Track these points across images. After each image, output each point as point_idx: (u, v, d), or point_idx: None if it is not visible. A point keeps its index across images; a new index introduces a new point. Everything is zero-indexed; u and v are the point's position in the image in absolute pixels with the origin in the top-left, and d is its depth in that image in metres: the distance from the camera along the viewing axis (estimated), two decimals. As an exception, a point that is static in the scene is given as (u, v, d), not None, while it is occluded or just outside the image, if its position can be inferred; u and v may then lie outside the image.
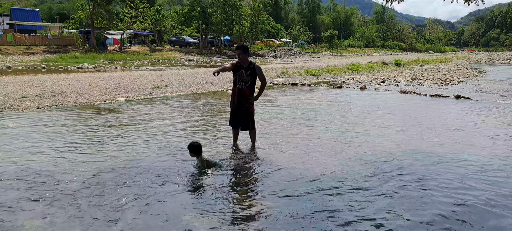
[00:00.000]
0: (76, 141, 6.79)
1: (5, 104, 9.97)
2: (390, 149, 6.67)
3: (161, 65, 31.11)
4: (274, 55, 54.87)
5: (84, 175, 5.07)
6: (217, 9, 52.89)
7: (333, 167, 5.61)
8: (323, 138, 7.37)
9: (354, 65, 27.17)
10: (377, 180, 5.12)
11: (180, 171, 5.30)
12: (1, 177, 4.95)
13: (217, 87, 15.35)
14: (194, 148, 5.33)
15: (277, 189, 4.77)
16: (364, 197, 4.55)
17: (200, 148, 5.38)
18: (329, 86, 16.69)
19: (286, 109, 10.60)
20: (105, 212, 4.04)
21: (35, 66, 26.58)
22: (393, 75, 22.21)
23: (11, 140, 6.74)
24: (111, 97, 11.92)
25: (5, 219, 3.83)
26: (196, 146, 5.35)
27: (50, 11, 76.08)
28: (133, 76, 17.56)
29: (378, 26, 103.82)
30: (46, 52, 36.94)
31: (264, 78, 6.35)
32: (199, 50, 51.74)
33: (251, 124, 6.45)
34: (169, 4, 69.60)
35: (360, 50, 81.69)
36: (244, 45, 6.36)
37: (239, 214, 4.09)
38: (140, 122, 8.49)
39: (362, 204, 4.34)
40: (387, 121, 9.17)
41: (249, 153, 6.33)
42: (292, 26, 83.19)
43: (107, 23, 43.25)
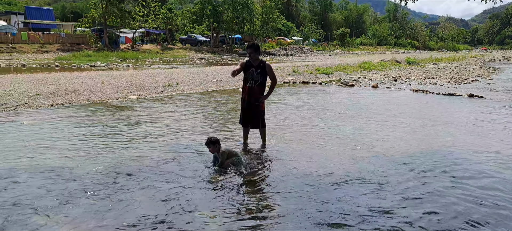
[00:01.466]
0: (89, 138, 6.88)
1: (20, 101, 10.13)
2: (402, 147, 6.63)
3: (172, 64, 31.29)
4: (285, 53, 54.76)
5: (96, 171, 5.15)
6: (228, 8, 52.98)
7: (344, 166, 5.60)
8: (334, 136, 7.35)
9: (366, 64, 27.00)
10: (389, 178, 5.10)
11: (191, 168, 5.34)
12: (16, 172, 5.05)
13: (228, 85, 15.39)
14: (213, 142, 5.38)
15: (288, 187, 4.78)
16: (376, 195, 4.54)
17: (218, 142, 5.43)
18: (341, 85, 16.62)
19: (297, 107, 10.59)
20: (116, 208, 4.09)
21: (49, 64, 26.93)
22: (406, 74, 22.03)
23: (26, 137, 6.85)
24: (123, 95, 12.03)
25: (19, 213, 3.90)
26: (215, 140, 5.40)
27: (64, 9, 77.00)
28: (145, 74, 17.70)
29: (390, 24, 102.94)
30: (60, 51, 37.36)
31: (274, 76, 6.36)
32: (210, 48, 51.91)
33: (261, 122, 6.47)
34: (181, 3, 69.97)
35: (372, 49, 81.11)
36: (255, 44, 6.37)
37: (250, 212, 4.11)
38: (152, 120, 8.56)
39: (374, 202, 4.33)
40: (399, 119, 9.11)
41: (260, 151, 6.34)
42: (303, 24, 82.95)
43: (120, 21, 43.63)
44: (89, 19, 44.41)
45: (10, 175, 4.96)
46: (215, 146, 5.40)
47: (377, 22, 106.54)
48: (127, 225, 3.75)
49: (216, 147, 5.41)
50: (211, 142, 5.39)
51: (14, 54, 33.89)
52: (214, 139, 5.42)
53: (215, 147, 5.41)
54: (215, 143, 5.39)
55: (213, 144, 5.39)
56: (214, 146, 5.40)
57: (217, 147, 5.42)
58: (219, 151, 5.42)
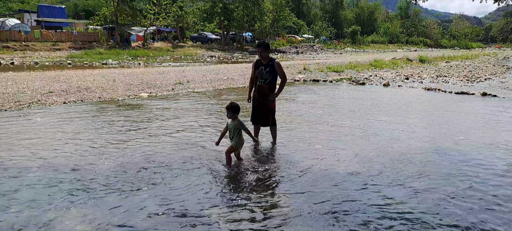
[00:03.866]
0: (101, 135, 6.94)
1: (33, 99, 10.26)
2: (413, 146, 6.57)
3: (183, 62, 31.41)
4: (296, 51, 54.58)
5: (108, 168, 5.20)
6: (239, 5, 53.01)
7: (354, 164, 5.57)
8: (345, 135, 7.32)
9: (377, 62, 26.79)
10: (399, 177, 5.06)
11: (201, 166, 5.36)
12: (30, 169, 5.12)
13: (238, 83, 15.40)
14: (236, 108, 5.43)
15: (298, 185, 4.77)
16: (387, 194, 4.50)
17: (239, 109, 5.49)
18: (352, 83, 16.53)
19: (307, 105, 10.56)
20: (128, 204, 4.13)
21: (61, 62, 27.23)
22: (417, 72, 21.82)
23: (39, 133, 6.94)
24: (135, 93, 12.11)
25: (34, 209, 3.95)
26: (237, 106, 5.46)
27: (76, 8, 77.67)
28: (155, 72, 17.79)
29: (402, 22, 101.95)
30: (72, 49, 37.76)
31: (284, 75, 6.35)
32: (220, 46, 51.99)
33: (271, 120, 6.46)
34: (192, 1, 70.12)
35: (384, 46, 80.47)
36: (265, 42, 6.37)
37: (259, 209, 4.11)
38: (163, 117, 8.61)
39: (385, 201, 4.30)
40: (411, 118, 9.03)
41: (270, 150, 6.34)
42: (314, 22, 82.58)
43: (131, 19, 43.92)
44: (100, 17, 44.81)
45: (24, 172, 5.03)
46: (234, 113, 5.43)
47: (389, 20, 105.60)
48: (138, 220, 3.77)
49: (234, 115, 5.44)
50: (233, 108, 5.42)
51: (27, 52, 34.34)
52: (235, 106, 5.45)
53: (235, 115, 5.44)
54: (236, 111, 5.43)
55: (233, 111, 5.42)
56: (233, 113, 5.43)
57: (236, 116, 5.46)
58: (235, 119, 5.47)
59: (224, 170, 5.27)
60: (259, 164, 5.61)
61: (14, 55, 31.38)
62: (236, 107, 5.43)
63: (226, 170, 5.25)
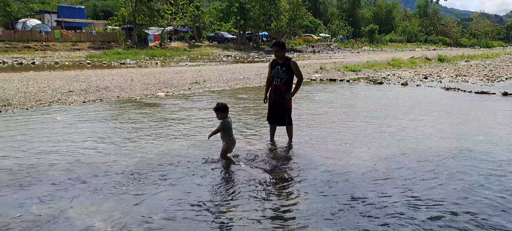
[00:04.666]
0: (119, 133, 7.05)
1: (54, 98, 10.46)
2: (431, 146, 6.48)
3: (199, 61, 31.60)
4: (312, 50, 54.38)
5: (126, 165, 5.27)
6: (255, 5, 53.09)
7: (372, 164, 5.53)
8: (362, 135, 7.26)
9: (395, 61, 26.48)
10: (418, 178, 5.00)
11: (218, 165, 5.39)
12: (50, 166, 5.23)
13: (254, 83, 15.42)
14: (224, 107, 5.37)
15: (314, 185, 4.76)
16: (404, 194, 4.46)
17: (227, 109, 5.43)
18: (369, 82, 16.38)
19: (324, 105, 10.51)
20: (146, 201, 4.18)
21: (80, 62, 27.70)
22: (436, 71, 21.49)
23: (59, 132, 7.08)
24: (152, 92, 12.25)
25: (53, 206, 4.04)
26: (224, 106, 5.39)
27: (95, 8, 78.84)
28: (172, 71, 17.95)
29: (421, 20, 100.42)
30: (91, 48, 38.37)
31: (300, 74, 6.33)
32: (237, 45, 52.12)
33: (287, 120, 6.46)
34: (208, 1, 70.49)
35: (402, 46, 79.44)
36: (280, 42, 6.36)
37: (275, 209, 4.12)
38: (180, 116, 8.68)
39: (402, 203, 4.25)
40: (429, 117, 8.91)
41: (286, 149, 6.34)
42: (331, 21, 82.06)
43: (149, 20, 44.37)
44: (119, 17, 45.42)
45: (44, 169, 5.14)
46: (223, 113, 5.39)
47: (407, 19, 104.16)
48: (156, 217, 3.82)
49: (224, 114, 5.40)
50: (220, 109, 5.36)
51: (48, 52, 35.03)
52: (222, 105, 5.40)
53: (223, 115, 5.40)
54: (224, 110, 5.38)
55: (222, 111, 5.37)
56: (222, 113, 5.39)
57: (225, 115, 5.41)
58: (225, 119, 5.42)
59: (240, 169, 5.29)
60: (276, 163, 5.61)
61: (35, 55, 32.04)
62: (223, 107, 5.38)
63: (242, 169, 5.27)
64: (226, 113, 5.41)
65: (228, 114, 5.46)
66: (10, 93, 10.71)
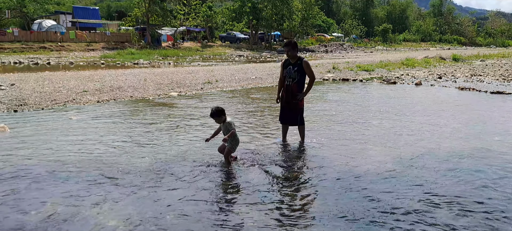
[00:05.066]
0: (133, 133, 7.11)
1: (68, 98, 10.60)
2: (446, 146, 6.40)
3: (212, 61, 31.71)
4: (325, 50, 54.15)
5: (140, 165, 5.32)
6: (267, 4, 53.07)
7: (385, 165, 5.49)
8: (374, 135, 7.21)
9: (409, 60, 26.22)
10: (431, 179, 4.94)
11: (230, 165, 5.40)
12: (65, 165, 5.30)
13: (266, 82, 15.42)
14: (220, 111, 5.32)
15: (325, 185, 4.74)
16: (418, 196, 4.41)
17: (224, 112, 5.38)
18: (382, 82, 16.25)
19: (337, 105, 10.46)
20: (159, 200, 4.22)
21: (94, 62, 28.02)
22: (451, 71, 21.22)
23: (74, 132, 7.18)
24: (165, 92, 12.33)
25: (69, 205, 4.10)
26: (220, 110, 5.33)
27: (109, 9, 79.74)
28: (185, 71, 18.05)
29: (435, 19, 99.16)
30: (105, 49, 38.81)
31: (312, 74, 6.31)
32: (249, 45, 52.18)
33: (299, 120, 6.44)
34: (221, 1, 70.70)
35: (416, 45, 78.60)
36: (293, 42, 6.35)
37: (287, 208, 4.11)
38: (192, 116, 8.73)
39: (416, 204, 4.21)
40: (443, 117, 8.80)
41: (298, 149, 6.33)
42: (344, 21, 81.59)
43: (162, 20, 44.70)
44: (132, 18, 45.86)
45: (60, 168, 5.21)
46: (220, 117, 5.36)
47: (421, 18, 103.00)
48: (169, 217, 3.85)
49: (221, 118, 5.37)
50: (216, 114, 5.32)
51: (63, 52, 35.52)
52: (217, 109, 5.34)
53: (221, 118, 5.37)
54: (219, 114, 5.34)
55: (218, 115, 5.34)
56: (219, 117, 5.36)
57: (223, 118, 5.38)
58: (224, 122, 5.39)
59: (253, 169, 5.29)
60: (288, 163, 5.61)
61: (51, 56, 32.51)
62: (219, 111, 5.32)
63: (255, 169, 5.27)
64: (223, 116, 5.38)
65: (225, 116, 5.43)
66: (26, 93, 10.88)
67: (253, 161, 5.60)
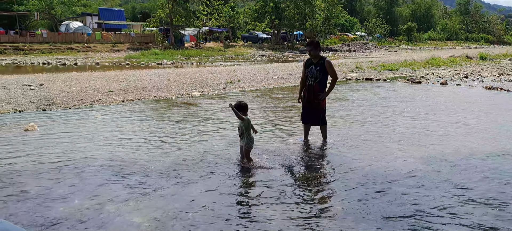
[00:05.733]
0: (156, 132, 7.23)
1: (95, 97, 10.85)
2: (472, 148, 6.26)
3: (234, 61, 31.85)
4: (348, 49, 53.63)
5: (163, 163, 5.41)
6: (290, 4, 52.89)
7: (409, 166, 5.41)
8: (398, 135, 7.11)
9: (434, 60, 25.71)
10: (457, 180, 4.85)
11: (251, 165, 5.43)
12: (91, 163, 5.44)
13: (289, 82, 15.39)
14: (242, 107, 5.39)
15: (348, 186, 4.71)
16: (447, 196, 4.34)
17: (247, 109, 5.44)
18: (407, 82, 16.00)
19: (360, 104, 10.36)
20: (182, 198, 4.28)
21: (120, 62, 28.55)
22: (478, 70, 20.70)
23: (100, 131, 7.35)
24: (187, 92, 12.47)
25: (94, 202, 4.21)
26: (244, 105, 5.41)
27: (134, 10, 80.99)
28: (207, 71, 18.19)
29: (461, 17, 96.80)
30: (130, 49, 39.46)
31: (335, 73, 6.28)
32: (271, 45, 52.13)
33: (321, 119, 6.42)
34: (243, 1, 70.85)
35: (442, 44, 76.91)
36: (315, 41, 6.33)
37: (309, 209, 4.11)
38: (215, 116, 8.80)
39: (445, 204, 4.14)
40: (470, 117, 8.61)
41: (320, 148, 6.31)
42: (367, 19, 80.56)
43: (185, 21, 45.16)
44: (156, 19, 46.52)
45: (86, 166, 5.36)
46: (244, 112, 5.40)
47: (447, 16, 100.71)
48: (192, 214, 3.90)
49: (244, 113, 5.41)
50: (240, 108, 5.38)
51: (89, 53, 36.33)
52: (242, 104, 5.41)
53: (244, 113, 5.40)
54: (242, 109, 5.39)
55: (239, 110, 5.37)
56: (243, 112, 5.40)
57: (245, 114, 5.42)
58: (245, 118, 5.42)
59: (274, 167, 5.31)
60: (309, 163, 5.61)
61: (78, 56, 33.29)
62: (243, 106, 5.40)
63: (276, 169, 5.29)
64: (246, 112, 5.45)
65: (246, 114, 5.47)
66: (54, 93, 11.19)
67: (275, 160, 5.61)
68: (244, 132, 5.42)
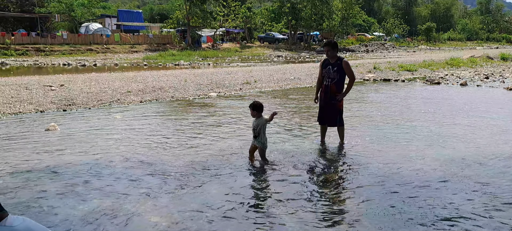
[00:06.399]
0: (174, 132, 7.30)
1: (113, 98, 11.01)
2: (493, 150, 6.14)
3: (250, 62, 31.89)
4: (366, 50, 53.14)
5: (181, 163, 5.46)
6: (307, 4, 52.73)
7: (428, 168, 5.33)
8: (418, 137, 7.02)
9: (453, 60, 25.27)
10: (475, 182, 4.76)
11: (269, 166, 5.44)
12: (110, 163, 5.53)
13: (305, 83, 15.34)
14: (258, 106, 5.43)
15: (365, 188, 4.67)
16: (461, 200, 4.27)
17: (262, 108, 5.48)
18: (426, 83, 15.77)
19: (377, 105, 10.26)
20: (199, 198, 4.31)
21: (138, 63, 28.89)
22: (499, 71, 20.27)
23: (118, 131, 7.45)
24: (204, 92, 12.54)
25: (112, 200, 4.27)
26: (259, 105, 5.45)
27: (152, 11, 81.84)
28: (224, 72, 18.25)
29: (482, 17, 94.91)
30: (148, 50, 39.91)
31: (352, 74, 6.23)
32: (288, 46, 52.05)
33: (339, 120, 6.38)
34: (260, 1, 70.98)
35: (462, 44, 75.58)
36: (332, 41, 6.30)
37: (325, 210, 4.09)
38: (232, 116, 8.83)
39: (460, 207, 4.08)
40: (491, 119, 8.43)
41: (337, 150, 6.27)
42: (385, 19, 79.73)
43: (202, 22, 45.45)
44: (174, 20, 46.96)
45: (105, 166, 5.44)
46: (259, 112, 5.44)
47: (467, 16, 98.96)
48: (209, 214, 3.93)
49: (259, 113, 5.45)
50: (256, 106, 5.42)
51: (108, 54, 36.87)
52: (258, 103, 5.45)
53: (258, 114, 5.44)
54: (258, 109, 5.42)
55: (258, 110, 5.42)
56: (258, 112, 5.43)
57: (260, 115, 5.45)
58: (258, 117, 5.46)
59: (292, 170, 5.30)
60: (326, 164, 5.58)
61: (97, 57, 33.82)
62: (259, 106, 5.42)
63: (293, 170, 5.28)
64: (261, 113, 5.48)
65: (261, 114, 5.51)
66: (74, 93, 11.39)
67: (292, 161, 5.60)
68: (261, 132, 5.43)
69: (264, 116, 5.48)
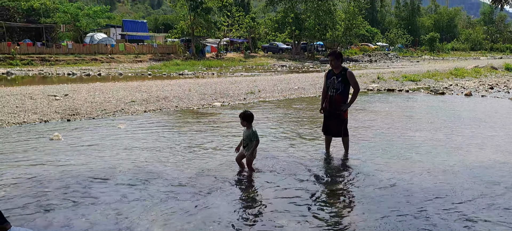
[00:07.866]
0: (178, 142, 7.28)
1: (117, 108, 11.03)
2: (500, 163, 6.08)
3: (254, 71, 31.94)
4: (369, 60, 53.16)
5: (184, 174, 5.44)
6: (310, 15, 52.90)
7: (433, 179, 5.29)
8: (423, 147, 6.97)
9: (457, 70, 25.22)
10: (483, 196, 4.71)
11: (272, 175, 5.41)
12: (113, 173, 5.51)
13: (309, 93, 15.33)
14: (248, 116, 5.41)
15: (370, 199, 4.63)
16: (466, 212, 4.22)
17: (252, 118, 5.46)
18: (430, 93, 15.72)
19: (382, 116, 10.22)
20: (202, 209, 4.29)
21: (142, 73, 29.00)
22: (504, 81, 20.20)
23: (122, 141, 7.45)
24: (208, 102, 12.55)
25: (115, 211, 4.25)
26: (250, 115, 5.43)
27: (156, 21, 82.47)
28: (228, 82, 18.28)
29: (486, 27, 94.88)
30: (152, 60, 40.07)
31: (357, 84, 6.21)
32: (291, 56, 52.17)
33: (343, 131, 6.35)
34: (263, 12, 71.22)
35: (465, 54, 75.43)
36: (337, 51, 6.29)
37: (328, 222, 4.06)
38: (235, 126, 8.81)
39: (467, 223, 4.03)
40: (496, 130, 8.38)
41: (342, 160, 6.24)
42: (389, 30, 79.83)
43: (206, 32, 45.71)
44: (178, 30, 47.26)
45: (109, 175, 5.42)
46: (249, 122, 5.42)
47: (471, 26, 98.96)
48: (211, 227, 3.89)
49: (249, 124, 5.42)
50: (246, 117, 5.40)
51: (113, 64, 37.04)
52: (247, 113, 5.43)
53: (249, 124, 5.42)
54: (247, 119, 5.40)
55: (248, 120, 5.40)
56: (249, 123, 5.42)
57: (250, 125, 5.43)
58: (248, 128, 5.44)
59: (295, 180, 5.27)
60: (331, 174, 5.54)
61: (101, 67, 33.98)
62: (248, 115, 5.41)
63: (297, 180, 5.25)
64: (251, 123, 5.46)
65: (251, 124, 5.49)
66: (78, 103, 11.43)
67: (296, 172, 5.57)
68: (250, 142, 5.42)
69: (253, 127, 5.48)
